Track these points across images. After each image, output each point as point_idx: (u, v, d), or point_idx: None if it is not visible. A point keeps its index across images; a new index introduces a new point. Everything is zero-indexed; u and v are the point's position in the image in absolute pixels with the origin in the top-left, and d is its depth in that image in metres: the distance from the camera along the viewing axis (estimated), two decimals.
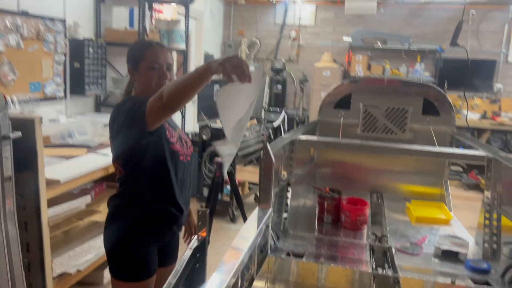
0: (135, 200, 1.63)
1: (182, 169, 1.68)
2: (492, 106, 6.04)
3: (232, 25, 7.04)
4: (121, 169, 1.63)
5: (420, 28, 6.26)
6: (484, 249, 2.17)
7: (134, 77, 1.66)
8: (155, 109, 1.41)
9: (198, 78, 1.30)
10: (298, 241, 2.20)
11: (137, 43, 1.76)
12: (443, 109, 2.78)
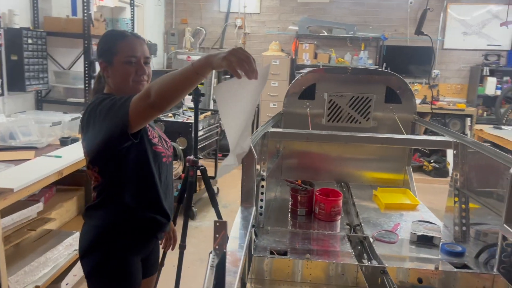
0: (117, 210, 1.47)
1: (165, 172, 1.54)
2: (430, 91, 6.34)
3: (175, 13, 6.77)
4: (98, 175, 1.46)
5: (362, 16, 6.41)
6: (455, 232, 2.25)
7: (108, 72, 1.48)
8: (141, 108, 1.25)
9: (195, 74, 1.17)
10: (277, 237, 2.15)
11: (109, 34, 1.56)
12: (404, 97, 2.84)
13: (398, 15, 6.37)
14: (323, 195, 2.44)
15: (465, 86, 6.45)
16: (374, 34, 6.22)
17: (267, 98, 6.01)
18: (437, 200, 4.97)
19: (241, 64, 1.10)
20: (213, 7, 6.70)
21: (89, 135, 1.39)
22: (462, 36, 6.31)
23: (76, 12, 3.56)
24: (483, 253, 1.97)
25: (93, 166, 1.46)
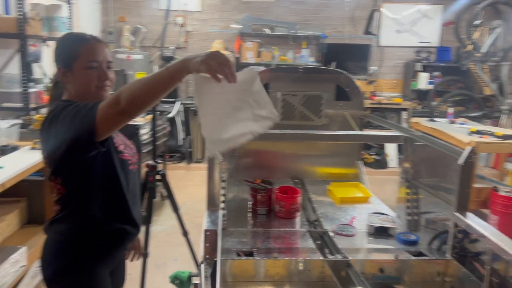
0: (85, 223, 1.38)
1: (133, 180, 1.48)
2: (369, 86, 6.64)
3: (112, 11, 6.51)
4: (61, 187, 1.36)
5: (303, 15, 6.55)
6: (408, 222, 2.37)
7: (67, 78, 1.39)
8: (110, 116, 1.18)
9: (170, 79, 1.12)
10: (241, 238, 2.14)
11: (68, 38, 1.46)
12: (353, 94, 2.94)
13: (337, 14, 6.59)
14: (282, 193, 2.48)
15: (400, 81, 6.82)
16: (315, 33, 6.38)
17: None
18: (380, 190, 5.21)
19: (221, 68, 1.08)
20: (152, 4, 6.52)
21: (51, 144, 1.29)
22: (396, 34, 6.65)
23: (8, 11, 3.30)
24: (435, 240, 2.10)
25: (55, 177, 1.36)
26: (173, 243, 3.62)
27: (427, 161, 2.33)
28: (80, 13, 5.60)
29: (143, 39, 6.56)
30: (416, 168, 2.41)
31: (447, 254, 1.91)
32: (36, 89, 3.23)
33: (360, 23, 6.63)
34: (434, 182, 2.27)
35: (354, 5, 6.54)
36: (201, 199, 4.74)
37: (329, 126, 2.97)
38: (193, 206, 4.47)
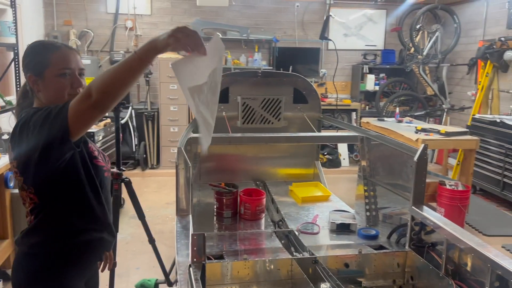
0: (60, 233, 1.34)
1: (108, 187, 1.46)
2: (320, 88, 6.84)
3: (56, 14, 6.25)
4: (34, 196, 1.31)
5: (254, 19, 6.64)
6: (367, 217, 2.49)
7: (38, 87, 1.35)
8: (82, 111, 1.14)
9: (139, 62, 1.11)
10: (208, 242, 2.15)
11: (38, 46, 1.40)
12: (310, 97, 3.04)
13: (287, 18, 6.74)
14: (247, 195, 2.52)
15: (349, 83, 7.09)
16: (266, 37, 6.49)
17: (166, 102, 5.90)
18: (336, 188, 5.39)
19: (189, 39, 1.10)
20: (100, 8, 6.34)
21: (23, 150, 1.24)
22: (344, 38, 6.90)
23: None
24: (393, 234, 2.22)
25: (28, 186, 1.31)
26: (133, 251, 3.55)
27: (383, 159, 2.46)
28: (23, 16, 5.35)
29: (91, 43, 6.36)
30: (372, 166, 2.53)
31: (406, 246, 2.03)
32: None
33: (309, 27, 6.82)
34: (390, 178, 2.40)
35: (303, 10, 6.73)
36: (159, 205, 4.72)
37: (288, 128, 3.05)
38: (152, 213, 4.40)
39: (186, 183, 1.76)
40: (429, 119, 6.61)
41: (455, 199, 3.63)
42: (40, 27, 6.15)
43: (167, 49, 1.11)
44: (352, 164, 6.49)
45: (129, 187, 2.27)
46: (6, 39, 3.55)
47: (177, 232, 1.60)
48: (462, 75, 6.53)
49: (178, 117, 5.96)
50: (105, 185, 1.45)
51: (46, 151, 1.21)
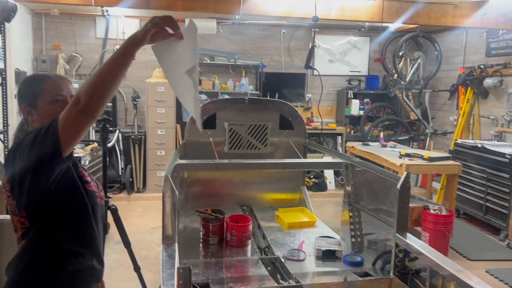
0: (51, 257, 1.32)
1: (99, 214, 1.45)
2: (306, 113, 6.94)
3: (45, 38, 6.28)
4: (25, 220, 1.30)
5: (241, 45, 6.76)
6: (352, 244, 2.51)
7: (33, 116, 1.37)
8: (72, 118, 1.15)
9: (122, 57, 1.14)
10: (194, 269, 2.15)
11: (31, 78, 1.44)
12: (296, 123, 3.10)
13: (273, 44, 6.88)
14: (233, 222, 2.53)
15: (334, 108, 7.20)
16: (253, 62, 6.60)
17: (154, 125, 5.91)
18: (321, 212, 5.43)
19: (165, 21, 1.16)
20: (89, 33, 6.40)
21: (16, 171, 1.24)
22: (329, 64, 7.06)
23: None
24: (378, 260, 2.25)
25: (19, 210, 1.30)
26: (118, 278, 3.50)
27: (367, 185, 2.50)
28: (12, 41, 5.36)
29: (79, 67, 6.38)
30: (357, 191, 2.57)
31: (391, 273, 2.06)
32: None
33: (295, 53, 6.96)
34: (374, 204, 2.44)
35: (290, 36, 6.88)
36: (145, 230, 4.68)
37: (274, 154, 3.09)
38: (137, 238, 4.36)
39: (173, 210, 1.77)
40: (413, 143, 6.73)
41: (439, 224, 3.68)
42: (29, 51, 6.16)
43: (147, 37, 1.16)
44: (338, 187, 6.54)
45: (115, 214, 2.26)
46: None
47: (163, 261, 1.60)
48: (444, 101, 6.70)
49: (165, 141, 5.96)
50: (97, 212, 1.44)
51: (38, 167, 1.21)
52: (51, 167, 1.22)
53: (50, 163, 1.21)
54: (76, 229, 1.37)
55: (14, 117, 5.39)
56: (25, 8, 5.93)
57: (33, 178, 1.23)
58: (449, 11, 5.17)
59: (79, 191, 1.37)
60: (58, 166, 1.23)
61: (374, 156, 4.56)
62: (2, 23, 3.68)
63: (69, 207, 1.34)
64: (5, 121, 3.81)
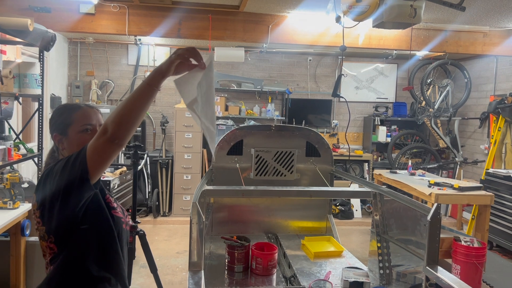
0: (79, 285, 1.35)
1: (124, 240, 1.49)
2: (332, 139, 6.92)
3: (80, 65, 6.56)
4: (54, 246, 1.34)
5: (268, 72, 6.86)
6: (381, 275, 2.45)
7: (63, 144, 1.44)
8: (99, 147, 1.19)
9: (147, 87, 1.19)
10: None
11: (62, 107, 1.52)
12: (322, 150, 3.09)
13: (299, 71, 6.95)
14: (259, 250, 2.51)
15: (361, 134, 7.15)
16: (279, 88, 6.67)
17: (181, 150, 6.01)
18: (348, 241, 5.34)
19: (189, 52, 1.22)
20: (121, 60, 6.64)
21: (47, 197, 1.30)
22: (355, 90, 7.06)
23: None
24: None
25: (48, 236, 1.34)
26: None
27: (395, 215, 2.46)
28: (49, 67, 5.62)
29: (111, 93, 6.60)
30: (385, 221, 2.53)
31: None
32: (5, 146, 3.18)
33: (322, 80, 7.00)
34: (403, 235, 2.38)
35: (316, 63, 6.94)
36: (170, 255, 4.69)
37: (300, 181, 3.08)
38: (162, 263, 4.38)
39: (199, 237, 1.79)
40: (442, 172, 6.58)
41: (471, 256, 3.55)
42: (64, 77, 6.43)
43: (171, 68, 1.21)
44: (365, 215, 6.42)
45: (143, 239, 2.29)
46: (32, 90, 3.73)
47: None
48: (474, 129, 6.56)
49: (192, 165, 6.04)
50: (123, 238, 1.48)
51: (67, 193, 1.25)
52: (79, 194, 1.27)
53: (79, 190, 1.25)
54: (102, 255, 1.40)
55: (48, 141, 5.59)
56: (63, 37, 6.23)
57: (62, 204, 1.28)
58: (479, 39, 5.13)
59: (106, 218, 1.41)
60: (86, 192, 1.28)
61: (403, 184, 4.48)
62: (42, 52, 3.86)
63: (96, 233, 1.38)
64: (40, 144, 3.95)
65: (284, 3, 4.35)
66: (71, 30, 4.64)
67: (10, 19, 3.21)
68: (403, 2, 3.05)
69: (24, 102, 4.60)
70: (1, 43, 3.28)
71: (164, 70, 1.20)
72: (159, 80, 1.20)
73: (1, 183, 2.78)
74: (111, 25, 4.66)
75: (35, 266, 2.89)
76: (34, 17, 3.54)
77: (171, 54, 1.22)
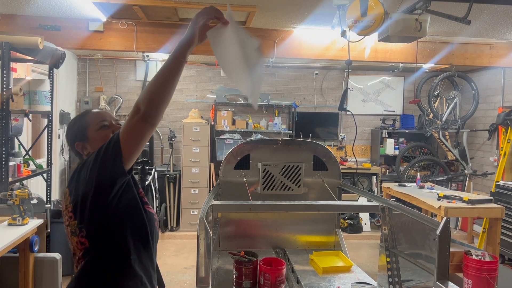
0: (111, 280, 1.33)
1: (155, 240, 1.48)
2: (339, 152, 6.90)
3: (88, 81, 6.65)
4: (85, 240, 1.32)
5: (275, 86, 6.90)
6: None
7: (87, 149, 1.46)
8: (133, 126, 1.18)
9: (174, 59, 1.20)
10: None
11: (73, 120, 1.54)
12: (330, 164, 3.09)
13: (306, 84, 6.97)
14: (267, 265, 2.49)
15: (368, 147, 7.13)
16: (286, 102, 6.69)
17: (188, 164, 6.03)
18: (357, 255, 5.29)
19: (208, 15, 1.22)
20: (130, 76, 6.72)
21: (80, 188, 1.29)
22: (362, 103, 7.06)
23: None
24: None
25: (80, 230, 1.33)
26: None
27: (404, 229, 2.43)
28: (58, 84, 5.70)
29: (119, 108, 6.66)
30: (394, 236, 2.50)
31: None
32: (15, 162, 3.21)
33: (328, 93, 7.02)
34: (412, 249, 2.35)
35: (322, 77, 6.97)
36: (177, 270, 4.67)
37: (308, 195, 3.07)
38: (170, 278, 4.36)
39: (207, 253, 1.78)
40: (451, 184, 6.52)
41: (482, 271, 3.50)
42: (73, 93, 6.51)
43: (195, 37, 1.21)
44: (374, 229, 6.36)
45: None
46: (42, 107, 3.78)
47: None
48: (483, 141, 6.51)
49: (199, 179, 6.05)
50: (154, 236, 1.45)
51: (101, 180, 1.24)
52: (113, 179, 1.25)
53: (112, 174, 1.24)
54: (135, 251, 1.37)
55: (57, 157, 5.64)
56: (72, 54, 6.33)
57: (95, 192, 1.26)
58: (485, 51, 5.13)
59: (139, 210, 1.39)
60: (120, 178, 1.26)
61: (411, 197, 4.44)
62: (51, 69, 3.92)
63: (129, 226, 1.36)
64: (49, 160, 3.99)
65: (290, 18, 4.40)
66: (80, 47, 4.72)
67: (21, 38, 3.27)
68: (408, 16, 3.07)
69: (34, 118, 4.66)
70: (12, 61, 3.34)
71: (189, 40, 1.21)
72: (185, 52, 1.21)
73: (11, 199, 2.81)
74: (120, 42, 4.74)
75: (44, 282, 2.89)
76: (44, 35, 3.61)
77: (191, 22, 1.22)
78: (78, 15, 4.39)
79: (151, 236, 1.43)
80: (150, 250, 1.43)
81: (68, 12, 4.23)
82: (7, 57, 3.16)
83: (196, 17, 1.22)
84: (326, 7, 3.84)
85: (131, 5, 3.90)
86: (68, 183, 1.38)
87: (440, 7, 3.63)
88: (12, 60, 3.54)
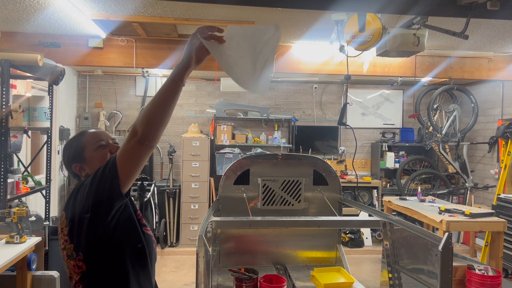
0: None
1: (154, 262, 1.46)
2: (339, 166, 6.89)
3: (88, 97, 6.67)
4: (82, 264, 1.30)
5: (274, 100, 6.92)
6: None
7: (85, 170, 1.45)
8: (130, 150, 1.18)
9: (172, 83, 1.19)
10: None
11: (69, 141, 1.53)
12: (330, 178, 3.07)
13: (305, 98, 6.99)
14: (267, 282, 2.46)
15: (368, 161, 7.12)
16: (285, 116, 6.70)
17: (188, 179, 6.00)
18: (358, 270, 5.23)
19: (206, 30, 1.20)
20: (129, 91, 6.74)
21: (76, 211, 1.28)
22: (361, 116, 7.07)
23: None
24: None
25: (77, 253, 1.31)
26: None
27: (406, 244, 2.41)
28: (58, 100, 5.72)
29: (119, 124, 6.67)
30: (396, 251, 2.47)
31: None
32: (13, 179, 3.20)
33: (327, 107, 7.03)
34: (414, 264, 2.33)
35: (321, 91, 6.99)
36: (177, 287, 4.61)
37: (308, 210, 3.04)
38: None
39: (206, 270, 1.76)
40: (452, 197, 6.48)
41: (486, 285, 3.46)
42: (73, 109, 6.53)
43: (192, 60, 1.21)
44: (375, 243, 6.31)
45: None
46: (41, 123, 3.78)
47: None
48: (483, 153, 6.50)
49: (199, 194, 6.02)
50: (152, 258, 1.44)
51: (98, 203, 1.23)
52: (110, 202, 1.24)
53: (109, 198, 1.23)
54: (134, 274, 1.35)
55: (57, 173, 5.63)
56: (72, 70, 6.36)
57: (92, 215, 1.25)
58: (484, 64, 5.15)
59: (137, 232, 1.37)
60: (117, 201, 1.25)
61: (413, 211, 4.41)
62: (51, 86, 3.93)
63: (127, 249, 1.34)
64: (48, 176, 3.97)
65: (289, 34, 4.43)
66: (80, 63, 4.74)
67: (20, 55, 3.29)
68: (406, 31, 3.09)
69: (33, 134, 4.66)
70: (12, 78, 3.35)
71: (186, 64, 1.20)
72: (183, 75, 1.20)
73: (9, 217, 2.79)
74: (119, 58, 4.76)
75: None
76: (44, 52, 3.64)
77: (187, 44, 1.21)
78: (78, 32, 4.42)
79: (149, 258, 1.41)
80: (149, 271, 1.42)
81: (68, 29, 4.26)
82: (7, 75, 3.18)
83: (191, 39, 1.21)
84: (324, 22, 3.87)
85: (130, 22, 3.93)
86: (65, 206, 1.37)
87: (438, 22, 3.66)
88: (12, 77, 3.55)
